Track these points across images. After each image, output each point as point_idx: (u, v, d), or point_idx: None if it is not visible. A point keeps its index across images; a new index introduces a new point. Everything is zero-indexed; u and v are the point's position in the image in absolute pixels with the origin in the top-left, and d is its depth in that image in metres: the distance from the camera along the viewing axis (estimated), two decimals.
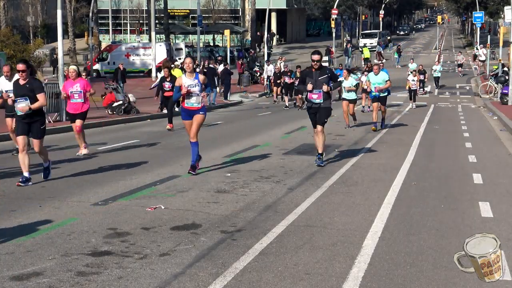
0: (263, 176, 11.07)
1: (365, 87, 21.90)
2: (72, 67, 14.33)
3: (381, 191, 9.77)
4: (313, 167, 12.16)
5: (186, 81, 11.27)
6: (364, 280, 5.70)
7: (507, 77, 29.58)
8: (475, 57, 57.13)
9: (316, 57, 12.00)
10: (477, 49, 60.02)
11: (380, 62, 50.08)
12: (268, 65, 39.17)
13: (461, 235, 7.06)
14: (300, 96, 29.67)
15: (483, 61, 49.96)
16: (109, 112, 24.38)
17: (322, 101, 12.04)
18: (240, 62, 43.96)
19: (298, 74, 30.74)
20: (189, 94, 11.23)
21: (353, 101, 20.36)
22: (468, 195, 9.68)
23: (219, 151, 14.41)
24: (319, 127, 12.20)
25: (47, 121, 20.07)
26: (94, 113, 24.15)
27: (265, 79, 38.35)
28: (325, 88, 11.89)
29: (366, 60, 55.63)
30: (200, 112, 11.37)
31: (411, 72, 31.60)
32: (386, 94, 19.10)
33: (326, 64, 48.38)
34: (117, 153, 14.29)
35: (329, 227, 7.57)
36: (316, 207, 8.68)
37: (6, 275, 5.72)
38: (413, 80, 29.68)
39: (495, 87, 34.14)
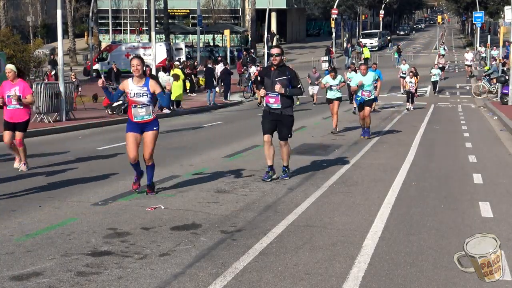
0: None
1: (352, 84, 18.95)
2: (9, 67, 11.89)
3: (381, 191, 9.77)
4: (313, 167, 12.15)
5: (132, 87, 9.15)
6: (364, 280, 5.70)
7: (507, 77, 29.58)
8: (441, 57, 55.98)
9: (275, 50, 10.39)
10: (444, 49, 58.76)
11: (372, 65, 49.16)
12: (250, 67, 37.96)
13: (461, 235, 7.06)
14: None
15: (469, 66, 48.33)
16: (109, 112, 24.38)
17: (280, 107, 10.35)
18: (240, 62, 43.95)
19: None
20: (135, 105, 9.16)
21: (338, 99, 18.66)
22: (468, 195, 9.68)
23: (219, 151, 14.41)
24: (281, 142, 10.61)
25: (46, 121, 20.22)
26: (94, 113, 24.19)
27: (249, 81, 35.95)
28: (277, 87, 10.18)
29: (366, 60, 55.62)
30: (154, 128, 9.30)
31: (407, 74, 30.60)
32: (372, 97, 17.13)
33: (326, 64, 48.25)
34: (117, 153, 14.28)
35: (329, 227, 7.57)
36: (316, 207, 8.68)
37: (6, 275, 5.72)
38: (411, 82, 28.47)
39: (488, 88, 34.08)
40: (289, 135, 10.60)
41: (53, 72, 26.69)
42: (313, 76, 30.99)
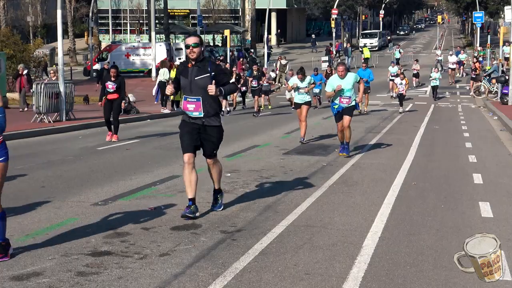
0: (263, 176, 11.06)
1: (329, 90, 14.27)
2: None
3: (381, 191, 9.77)
4: (313, 167, 12.15)
5: None
6: (364, 280, 5.70)
7: (507, 77, 29.60)
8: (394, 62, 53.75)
9: (192, 39, 7.77)
10: (399, 52, 54.81)
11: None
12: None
13: (461, 235, 7.06)
14: (256, 97, 26.57)
15: (453, 69, 45.12)
16: None
17: (203, 115, 7.80)
18: (240, 62, 43.98)
19: (254, 72, 27.97)
20: None
21: (307, 103, 16.33)
22: (468, 195, 9.68)
23: (219, 151, 14.35)
24: (208, 160, 8.21)
25: (46, 121, 20.21)
26: (94, 113, 24.16)
27: None
28: (211, 89, 7.62)
29: (366, 60, 55.52)
30: None
31: (396, 76, 28.86)
32: (352, 104, 13.85)
33: (326, 64, 47.97)
34: (117, 153, 14.29)
35: (329, 227, 7.57)
36: (316, 207, 8.68)
37: (6, 275, 5.71)
38: (401, 84, 27.12)
39: (488, 88, 34.08)
40: (214, 152, 8.21)
41: (25, 72, 25.97)
42: (289, 79, 29.17)
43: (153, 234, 7.17)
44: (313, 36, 76.28)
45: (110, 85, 16.25)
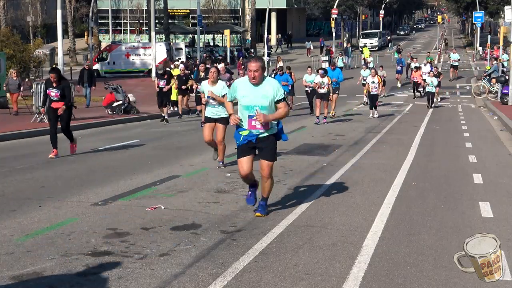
0: None
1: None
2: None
3: (381, 191, 9.77)
4: (313, 167, 12.15)
5: None
6: (364, 280, 5.70)
7: (507, 77, 29.61)
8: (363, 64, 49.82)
9: None
10: (343, 60, 50.70)
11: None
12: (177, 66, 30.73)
13: (461, 235, 7.06)
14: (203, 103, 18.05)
15: (423, 81, 42.30)
16: (109, 112, 24.40)
17: None
18: (240, 62, 44.01)
19: (201, 74, 19.80)
20: None
21: (222, 121, 11.80)
22: (468, 195, 9.68)
23: None
24: None
25: (46, 121, 20.19)
26: (94, 113, 24.18)
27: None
28: None
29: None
30: None
31: (369, 75, 25.36)
32: (271, 132, 8.37)
33: (326, 64, 47.85)
34: (117, 153, 14.28)
35: (329, 227, 7.57)
36: (316, 207, 8.67)
37: (6, 275, 5.71)
38: (373, 83, 23.86)
39: (488, 88, 34.06)
40: None
41: None
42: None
43: (153, 234, 7.17)
44: (279, 36, 76.08)
45: (53, 92, 13.40)
